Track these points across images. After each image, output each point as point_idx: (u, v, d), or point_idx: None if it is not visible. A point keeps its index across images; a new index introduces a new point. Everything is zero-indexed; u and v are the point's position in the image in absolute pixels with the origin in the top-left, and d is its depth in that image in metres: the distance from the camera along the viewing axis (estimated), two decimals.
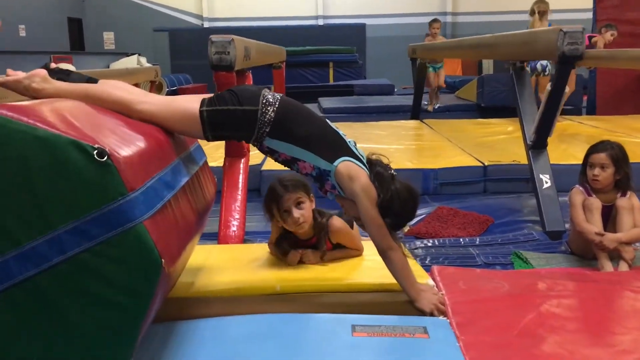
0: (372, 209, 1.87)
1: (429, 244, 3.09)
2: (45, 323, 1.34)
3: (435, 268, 2.41)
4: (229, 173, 3.30)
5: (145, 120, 1.78)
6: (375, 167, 1.92)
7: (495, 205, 3.78)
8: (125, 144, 1.45)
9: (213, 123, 1.83)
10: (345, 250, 2.36)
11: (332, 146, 1.90)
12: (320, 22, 15.84)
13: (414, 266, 2.18)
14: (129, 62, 11.98)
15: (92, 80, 1.87)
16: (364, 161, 1.94)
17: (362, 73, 13.03)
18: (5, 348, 1.35)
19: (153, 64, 10.20)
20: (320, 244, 2.29)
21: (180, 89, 11.71)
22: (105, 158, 1.31)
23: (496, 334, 1.84)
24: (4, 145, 1.29)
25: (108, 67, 11.46)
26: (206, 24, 15.85)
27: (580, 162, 3.70)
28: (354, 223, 2.64)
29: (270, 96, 1.88)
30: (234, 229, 3.08)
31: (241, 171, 3.36)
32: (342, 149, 1.91)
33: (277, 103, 1.87)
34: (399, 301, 1.95)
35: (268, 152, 1.93)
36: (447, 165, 4.29)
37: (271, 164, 4.44)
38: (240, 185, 3.29)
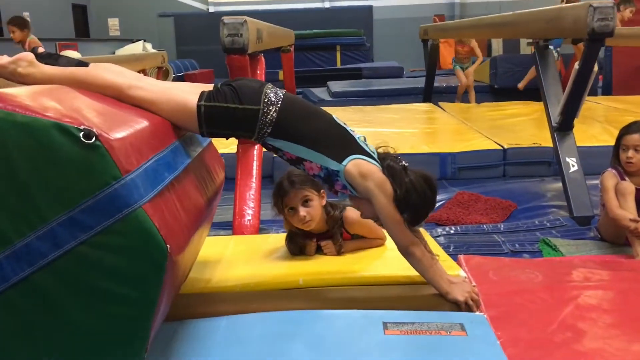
0: (389, 205, 1.76)
1: (452, 232, 2.97)
2: (47, 325, 1.24)
3: (462, 258, 2.31)
4: (243, 160, 3.19)
5: (138, 106, 1.66)
6: (386, 161, 1.80)
7: (517, 190, 3.66)
8: (115, 124, 1.34)
9: (210, 119, 1.72)
10: (366, 240, 2.26)
11: (340, 145, 1.78)
12: (327, 4, 15.62)
13: (442, 256, 2.08)
14: (135, 48, 11.84)
15: (83, 64, 1.75)
16: (376, 157, 1.82)
17: (370, 56, 12.84)
18: (7, 353, 1.25)
19: (159, 50, 10.07)
20: (335, 237, 2.19)
21: (186, 74, 11.58)
22: (93, 139, 1.19)
23: (534, 329, 1.74)
24: None
25: (114, 53, 11.33)
26: (211, 9, 15.67)
27: (602, 143, 3.57)
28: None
29: (272, 94, 1.76)
30: (249, 218, 2.98)
31: (255, 158, 3.25)
32: (351, 146, 1.79)
33: (280, 102, 1.75)
34: (430, 294, 1.84)
35: (272, 149, 1.82)
36: (465, 149, 4.16)
37: None
38: (254, 172, 3.18)
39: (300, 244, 2.20)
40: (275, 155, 1.85)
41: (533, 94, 6.21)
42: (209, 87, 1.77)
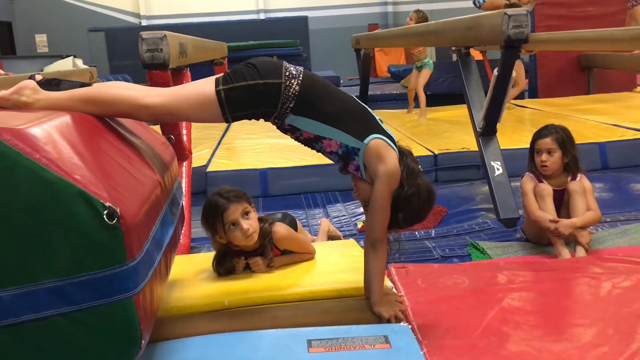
0: (387, 195, 1.74)
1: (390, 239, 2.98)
2: None
3: (392, 266, 2.31)
4: None
5: (156, 115, 1.63)
6: (407, 159, 1.79)
7: (448, 195, 3.72)
8: (131, 196, 1.30)
9: (232, 102, 1.66)
10: (296, 255, 2.22)
11: (361, 123, 1.76)
12: (262, 16, 15.61)
13: None
14: (64, 64, 11.46)
15: (86, 85, 1.68)
16: (394, 140, 1.80)
17: (307, 66, 12.88)
18: None
19: (90, 66, 9.77)
20: (267, 251, 2.14)
21: None
22: (115, 221, 1.16)
23: (459, 335, 1.76)
24: (0, 176, 1.12)
25: (42, 70, 10.93)
26: (144, 22, 15.37)
27: (527, 145, 3.68)
28: (299, 225, 2.51)
29: (292, 68, 1.72)
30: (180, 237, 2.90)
31: (184, 175, 3.17)
32: (373, 126, 1.77)
33: (301, 76, 1.71)
34: (358, 307, 1.83)
35: (289, 130, 1.77)
36: None
37: (217, 165, 4.28)
38: (183, 189, 3.10)
39: (228, 266, 2.13)
40: (292, 137, 1.80)
41: (464, 99, 6.36)
42: (220, 75, 1.72)
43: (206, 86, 1.67)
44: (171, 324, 1.76)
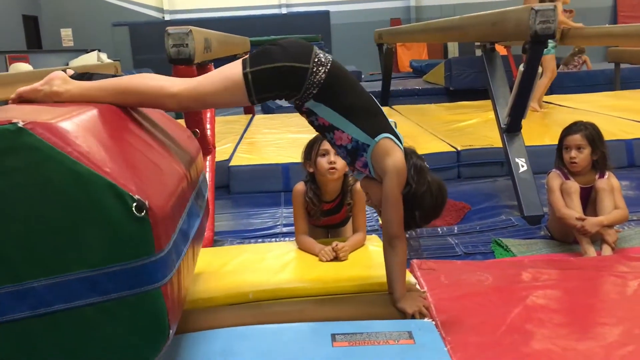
0: (397, 190, 1.75)
1: (406, 235, 2.97)
2: None
3: (414, 262, 2.31)
4: None
5: (183, 102, 1.64)
6: (413, 158, 1.81)
7: (471, 191, 3.70)
8: (159, 188, 1.32)
9: (259, 83, 1.66)
10: (358, 240, 2.33)
11: (375, 121, 1.77)
12: (284, 10, 15.63)
13: None
14: (89, 58, 11.62)
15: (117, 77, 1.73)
16: (402, 142, 1.82)
17: None
18: None
19: (114, 60, 9.89)
20: (345, 198, 2.35)
21: None
22: (143, 213, 1.18)
23: (483, 333, 1.75)
24: (33, 170, 1.15)
25: (67, 64, 11.09)
26: (167, 17, 15.50)
27: (553, 142, 3.64)
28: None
29: (322, 55, 1.73)
30: None
31: (207, 169, 3.20)
32: (385, 126, 1.79)
33: (329, 65, 1.72)
34: (382, 302, 1.84)
35: (306, 113, 1.79)
36: (420, 152, 4.17)
37: (239, 160, 4.31)
38: (207, 184, 3.12)
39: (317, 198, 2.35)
40: (307, 119, 1.82)
41: (487, 95, 6.30)
42: (245, 57, 1.72)
43: (232, 69, 1.68)
44: (197, 315, 1.78)
